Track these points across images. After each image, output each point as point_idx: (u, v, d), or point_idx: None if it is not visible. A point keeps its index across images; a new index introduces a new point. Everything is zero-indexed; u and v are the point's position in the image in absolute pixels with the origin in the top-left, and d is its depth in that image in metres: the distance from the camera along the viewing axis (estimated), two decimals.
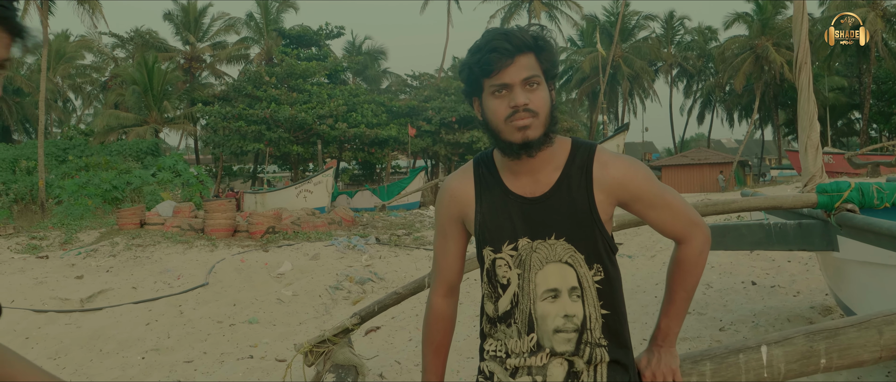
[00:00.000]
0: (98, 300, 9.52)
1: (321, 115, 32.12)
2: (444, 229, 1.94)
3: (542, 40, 1.73)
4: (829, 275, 5.41)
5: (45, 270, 11.56)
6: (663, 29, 56.72)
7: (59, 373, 6.43)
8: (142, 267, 11.77)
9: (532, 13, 42.07)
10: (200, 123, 39.18)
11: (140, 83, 33.05)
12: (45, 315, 8.70)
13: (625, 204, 1.82)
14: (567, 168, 1.79)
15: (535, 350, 1.76)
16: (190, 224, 14.97)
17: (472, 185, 1.87)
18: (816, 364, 1.91)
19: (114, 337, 7.64)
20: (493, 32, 1.74)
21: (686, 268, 1.85)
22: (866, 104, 45.14)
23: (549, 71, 1.74)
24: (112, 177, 19.99)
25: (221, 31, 46.06)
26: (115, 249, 13.31)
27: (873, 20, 41.10)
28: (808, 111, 5.24)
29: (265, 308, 8.97)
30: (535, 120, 1.70)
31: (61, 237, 15.05)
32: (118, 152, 26.55)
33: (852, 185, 4.38)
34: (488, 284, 1.84)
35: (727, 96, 55.24)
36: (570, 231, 1.76)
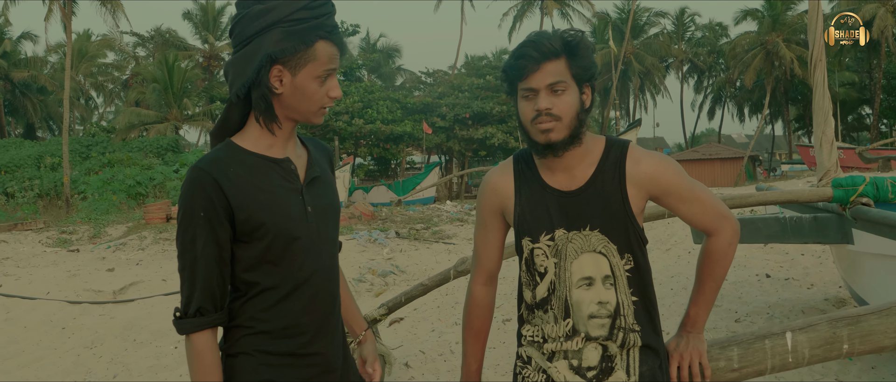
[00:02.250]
0: (130, 292, 9.74)
1: (337, 111, 32.43)
2: (484, 221, 2.03)
3: (574, 46, 1.78)
4: (844, 267, 5.51)
5: (77, 263, 11.89)
6: (674, 25, 56.78)
7: (96, 362, 6.66)
8: (170, 260, 11.98)
9: (544, 11, 42.22)
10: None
11: (160, 81, 33.48)
12: (79, 306, 8.86)
13: (656, 198, 1.89)
14: (601, 164, 1.87)
15: (571, 334, 1.84)
16: None
17: (512, 179, 1.95)
18: (839, 350, 1.95)
19: (147, 327, 7.79)
20: (528, 38, 1.83)
21: (715, 259, 1.92)
22: (877, 99, 45.14)
23: (581, 75, 1.80)
24: (136, 173, 20.40)
25: None
26: (144, 242, 13.67)
27: (883, 16, 41.10)
28: (822, 107, 5.33)
29: None
30: (559, 124, 1.79)
31: (90, 232, 15.45)
32: (139, 148, 26.96)
33: (867, 179, 4.50)
34: (527, 272, 1.93)
35: (738, 92, 55.22)
36: (603, 223, 1.84)
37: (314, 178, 1.79)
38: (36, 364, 6.72)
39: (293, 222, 1.70)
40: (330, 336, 1.78)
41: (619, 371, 1.83)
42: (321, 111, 1.73)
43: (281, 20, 1.61)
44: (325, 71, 1.67)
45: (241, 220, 1.64)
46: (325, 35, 1.65)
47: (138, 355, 6.86)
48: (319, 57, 1.65)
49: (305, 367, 1.73)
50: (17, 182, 22.52)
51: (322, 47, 1.65)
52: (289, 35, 1.61)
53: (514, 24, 44.69)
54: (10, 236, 15.01)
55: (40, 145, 28.71)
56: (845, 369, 4.59)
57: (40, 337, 7.60)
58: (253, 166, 1.69)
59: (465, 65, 44.94)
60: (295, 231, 1.70)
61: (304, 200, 1.73)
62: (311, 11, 1.63)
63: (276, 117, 1.71)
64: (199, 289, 1.64)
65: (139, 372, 6.29)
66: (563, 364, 1.85)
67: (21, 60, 46.51)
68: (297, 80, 1.65)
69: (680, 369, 1.93)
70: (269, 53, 1.62)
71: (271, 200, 1.68)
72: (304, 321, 1.72)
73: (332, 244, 1.82)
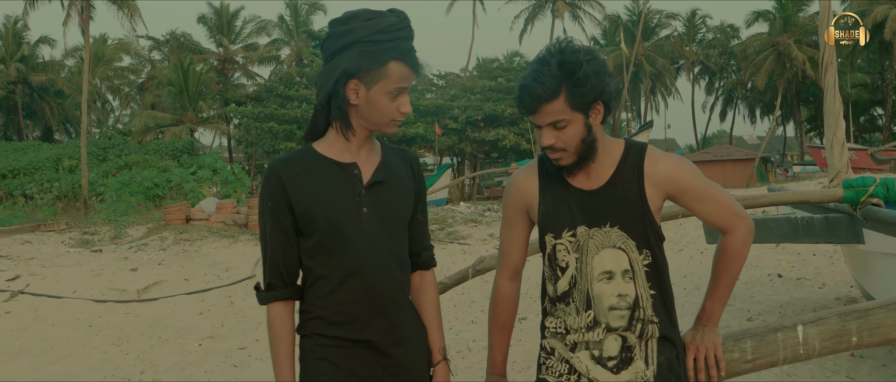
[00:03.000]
0: (153, 291, 9.88)
1: None
2: (510, 219, 2.11)
3: (572, 81, 1.81)
4: (855, 266, 5.59)
5: (101, 263, 12.05)
6: (685, 27, 56.69)
7: (123, 358, 6.79)
8: (191, 260, 12.22)
9: (555, 14, 42.29)
10: (233, 123, 39.89)
11: (176, 84, 33.74)
12: (105, 305, 9.01)
13: (673, 197, 1.97)
14: (621, 165, 1.95)
15: (592, 325, 1.91)
16: (233, 220, 15.53)
17: (537, 180, 2.03)
18: (848, 342, 2.01)
19: (171, 326, 7.93)
20: (525, 79, 1.87)
21: (730, 256, 2.00)
22: (889, 101, 44.96)
23: (583, 104, 1.84)
24: (153, 175, 20.62)
25: (253, 34, 47.19)
26: (165, 243, 13.83)
27: (895, 17, 40.96)
28: (833, 110, 5.42)
29: None
30: (565, 153, 1.90)
31: (111, 232, 15.63)
32: (155, 150, 27.16)
33: (877, 180, 4.60)
34: (549, 267, 2.01)
35: (749, 94, 55.03)
36: (622, 220, 1.92)
37: (377, 182, 1.95)
38: (65, 360, 6.86)
39: (345, 220, 1.89)
40: (383, 328, 1.93)
41: (638, 361, 1.90)
42: (393, 123, 1.93)
43: (359, 40, 1.83)
44: (397, 88, 1.87)
45: (299, 213, 1.90)
46: (399, 56, 1.85)
47: (164, 352, 7.01)
48: (391, 75, 1.85)
49: (356, 353, 1.91)
50: (36, 184, 22.79)
51: (394, 67, 1.85)
52: (364, 54, 1.83)
53: (525, 27, 44.76)
54: (33, 237, 15.23)
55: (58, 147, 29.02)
56: (856, 366, 4.70)
57: (68, 335, 7.75)
58: (318, 167, 1.93)
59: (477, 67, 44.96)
60: (346, 228, 1.89)
61: (361, 201, 1.92)
62: (387, 35, 1.84)
63: (351, 126, 1.92)
64: (269, 267, 1.94)
65: (165, 368, 6.43)
66: (585, 354, 1.92)
67: (39, 64, 47.05)
68: (371, 94, 1.86)
69: (696, 360, 2.01)
70: (346, 69, 1.83)
71: (326, 198, 1.90)
72: (354, 311, 1.90)
73: (389, 244, 1.95)
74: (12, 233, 15.43)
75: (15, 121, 48.38)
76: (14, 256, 12.77)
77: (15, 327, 7.99)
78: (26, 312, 8.64)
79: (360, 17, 1.86)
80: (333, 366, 1.90)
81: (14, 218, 18.23)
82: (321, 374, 1.90)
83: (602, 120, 1.92)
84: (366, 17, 1.86)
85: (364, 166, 1.96)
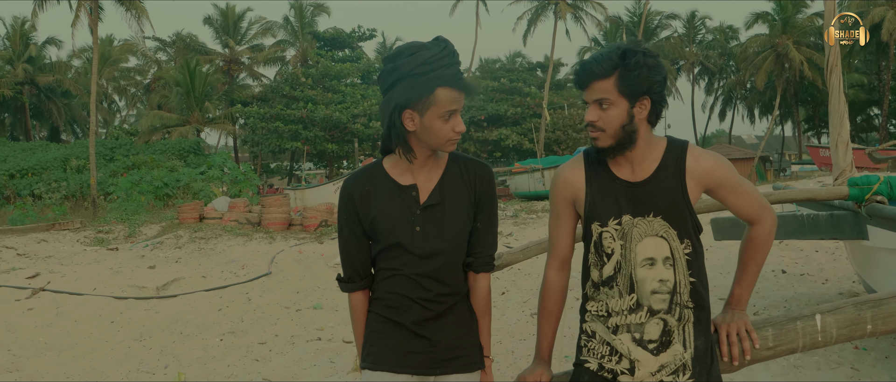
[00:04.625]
0: (172, 288, 9.96)
1: (355, 114, 32.78)
2: (557, 211, 2.21)
3: (625, 65, 1.95)
4: (858, 262, 5.72)
5: (118, 261, 12.16)
6: (685, 28, 56.89)
7: (147, 353, 6.86)
8: (207, 258, 12.34)
9: (558, 15, 42.36)
10: (239, 123, 39.91)
11: (182, 85, 33.80)
12: (125, 302, 9.09)
13: (710, 190, 2.09)
14: (664, 160, 2.06)
15: (635, 308, 2.01)
16: (246, 218, 15.69)
17: (583, 172, 2.13)
18: (863, 330, 2.09)
19: (191, 321, 8.01)
20: (587, 58, 2.05)
21: (757, 245, 2.13)
22: (885, 101, 45.09)
23: (631, 91, 1.97)
24: (163, 175, 20.75)
25: (259, 35, 47.31)
26: (180, 241, 13.94)
27: (892, 18, 41.16)
28: (838, 110, 5.54)
29: (327, 295, 9.31)
30: (603, 134, 2.02)
31: (125, 231, 15.75)
32: (162, 150, 27.27)
33: (881, 178, 4.76)
34: (595, 253, 2.10)
35: (748, 94, 55.23)
36: (665, 211, 2.03)
37: (432, 205, 2.17)
38: (90, 355, 6.93)
39: (401, 237, 2.17)
40: (423, 317, 2.19)
41: (677, 345, 2.00)
42: (450, 143, 2.12)
43: (405, 75, 2.04)
44: (447, 112, 2.06)
45: (367, 226, 2.22)
46: (444, 83, 2.03)
47: (186, 347, 7.10)
48: (440, 101, 2.04)
49: (400, 330, 2.22)
50: (44, 184, 22.91)
51: (442, 93, 2.03)
52: (411, 87, 2.03)
53: (528, 28, 44.75)
54: (48, 235, 15.36)
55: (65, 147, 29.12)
56: (860, 358, 4.86)
57: (91, 331, 7.82)
58: (381, 186, 2.20)
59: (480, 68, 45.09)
60: (401, 243, 2.17)
61: (415, 221, 2.17)
62: (429, 66, 2.02)
63: (412, 150, 2.14)
64: (348, 264, 2.28)
65: (188, 363, 6.50)
66: (626, 337, 2.02)
67: (46, 64, 47.09)
68: (425, 120, 2.06)
69: (729, 336, 2.11)
70: (397, 103, 2.05)
71: (386, 217, 2.18)
72: (401, 301, 2.21)
73: (442, 258, 2.17)
74: (27, 232, 15.57)
75: (22, 121, 48.43)
76: (32, 254, 12.87)
77: (38, 323, 8.06)
78: (49, 309, 8.70)
79: (405, 53, 2.05)
80: (382, 337, 2.23)
81: (25, 217, 18.36)
82: (373, 342, 2.25)
83: (648, 117, 2.04)
84: (409, 53, 2.04)
85: (423, 186, 2.19)
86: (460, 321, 2.22)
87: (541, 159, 28.40)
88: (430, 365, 2.19)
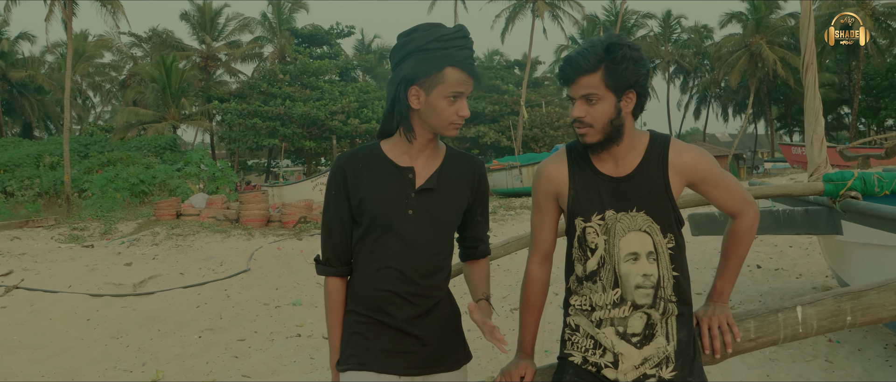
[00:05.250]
0: (149, 285, 9.84)
1: (333, 111, 32.70)
2: (540, 206, 2.19)
3: (611, 59, 1.93)
4: (831, 257, 5.79)
5: (94, 258, 12.00)
6: (661, 27, 57.51)
7: (124, 351, 6.74)
8: (185, 255, 12.23)
9: (536, 13, 42.53)
10: (216, 120, 39.63)
11: (158, 81, 33.52)
12: (101, 299, 8.93)
13: (693, 185, 2.08)
14: (647, 154, 2.06)
15: (619, 302, 2.00)
16: (224, 215, 15.57)
17: (566, 167, 2.12)
18: (843, 321, 2.10)
19: (169, 319, 7.90)
20: (571, 52, 2.01)
21: (740, 238, 2.13)
22: (855, 100, 45.98)
23: (618, 85, 1.95)
24: (139, 171, 20.55)
25: (236, 31, 46.94)
26: (157, 238, 13.81)
27: (863, 19, 41.91)
28: (813, 108, 5.58)
29: (306, 292, 9.24)
30: (591, 129, 1.99)
31: (101, 228, 15.56)
32: (137, 147, 26.92)
33: (855, 174, 4.82)
34: (579, 248, 2.09)
35: (722, 92, 55.91)
36: (648, 205, 2.02)
37: (427, 189, 2.10)
38: (65, 353, 6.81)
39: (390, 219, 2.07)
40: (411, 315, 2.10)
41: (660, 338, 2.00)
42: (452, 126, 2.07)
43: (417, 49, 2.00)
44: (454, 93, 2.01)
45: (354, 205, 2.11)
46: (455, 63, 1.99)
47: (164, 344, 7.02)
48: (448, 80, 2.00)
49: (385, 332, 2.10)
50: (17, 181, 22.57)
51: (451, 73, 1.99)
52: (422, 61, 1.99)
53: (506, 26, 44.85)
54: (22, 233, 15.16)
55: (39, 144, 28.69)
56: (834, 351, 4.96)
57: (67, 328, 7.69)
58: (378, 166, 2.12)
59: None
60: (389, 226, 2.07)
61: (409, 204, 2.08)
62: (442, 43, 2.00)
63: (413, 129, 2.08)
64: (328, 246, 2.18)
65: (167, 360, 6.42)
66: (610, 330, 2.01)
67: (18, 60, 46.25)
68: (430, 98, 2.01)
69: (711, 329, 2.11)
70: (406, 76, 2.01)
71: (378, 196, 2.08)
72: (384, 298, 2.09)
73: (429, 245, 2.10)
74: (0, 229, 15.37)
75: None
76: (5, 251, 12.71)
77: (12, 321, 7.92)
78: (22, 307, 8.56)
79: (421, 29, 2.03)
80: (366, 340, 2.11)
81: None
82: (353, 346, 2.13)
83: (633, 111, 2.02)
84: (425, 29, 2.03)
85: (420, 171, 2.12)
86: (447, 317, 2.18)
87: (518, 157, 28.52)
88: (420, 366, 2.12)
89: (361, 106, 34.64)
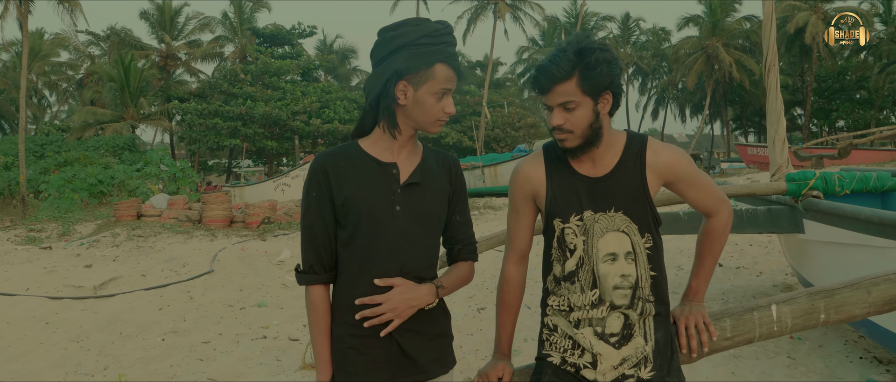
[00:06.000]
0: (110, 287, 9.69)
1: (295, 111, 32.57)
2: (517, 207, 2.18)
3: (585, 64, 1.91)
4: (792, 255, 5.89)
5: (52, 260, 11.78)
6: (620, 30, 58.29)
7: (85, 355, 6.62)
8: (147, 256, 12.05)
9: (497, 14, 42.78)
10: (176, 119, 39.11)
11: (117, 80, 33.03)
12: (60, 302, 8.81)
13: (669, 184, 2.09)
14: (624, 154, 2.05)
15: (597, 303, 2.00)
16: (186, 216, 15.37)
17: (543, 168, 2.11)
18: (817, 319, 2.13)
19: (131, 321, 7.78)
20: (543, 60, 1.98)
21: (714, 237, 2.14)
22: (808, 101, 47.16)
23: (594, 89, 1.93)
24: (97, 172, 20.16)
25: (196, 30, 46.35)
26: (118, 239, 13.58)
27: (815, 23, 43.07)
28: (775, 109, 5.67)
29: (271, 293, 9.19)
30: (571, 135, 1.98)
31: (59, 229, 15.26)
32: (95, 147, 26.48)
33: (817, 174, 4.91)
34: (558, 249, 2.07)
35: (679, 94, 56.94)
36: (626, 205, 2.02)
37: (412, 183, 2.06)
38: (24, 357, 6.68)
39: (378, 216, 2.01)
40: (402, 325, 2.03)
41: (638, 338, 2.00)
42: (437, 123, 2.04)
43: (408, 44, 1.96)
44: (442, 89, 1.99)
45: (338, 205, 2.02)
46: (444, 59, 1.97)
47: (126, 347, 6.89)
48: (437, 76, 1.97)
49: (378, 343, 2.03)
50: None
51: (440, 69, 1.97)
52: (413, 56, 1.95)
53: (468, 27, 45.02)
54: None
55: None
56: (795, 347, 5.07)
57: (24, 332, 7.55)
58: (361, 164, 2.05)
59: None
60: (378, 224, 2.00)
61: (396, 200, 2.03)
62: (433, 39, 1.97)
63: (398, 125, 2.04)
64: (311, 252, 2.07)
65: (129, 364, 6.32)
66: (588, 330, 2.01)
67: None
68: (418, 94, 1.98)
69: (688, 328, 2.11)
70: (396, 70, 1.95)
71: (363, 194, 2.01)
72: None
73: (418, 242, 2.05)
74: None
75: None
76: None
77: None
78: None
79: (409, 24, 1.99)
80: (361, 355, 2.02)
81: None
82: (349, 363, 2.03)
83: (610, 111, 2.01)
84: (414, 23, 1.99)
85: (403, 167, 2.07)
86: (436, 321, 2.13)
87: (481, 157, 28.63)
88: (412, 375, 2.07)
89: (323, 106, 34.53)
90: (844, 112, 50.69)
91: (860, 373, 4.56)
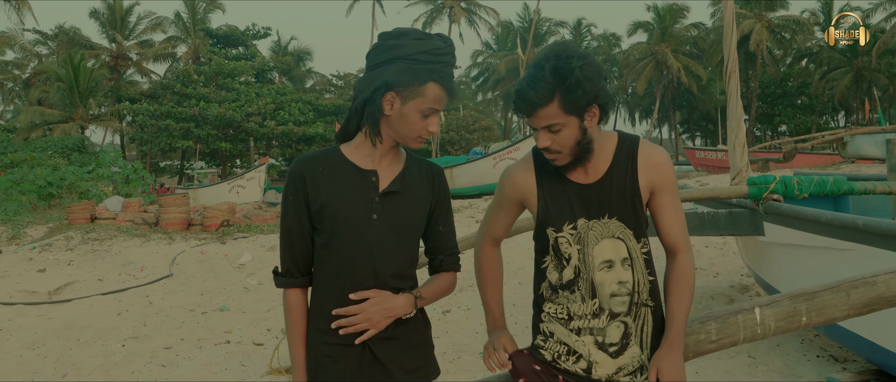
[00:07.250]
0: (65, 292, 9.55)
1: (249, 113, 32.30)
2: (501, 204, 2.17)
3: (565, 87, 1.83)
4: (751, 257, 5.98)
5: (3, 264, 11.52)
6: (572, 35, 58.98)
7: (42, 362, 6.49)
8: (103, 260, 11.85)
9: (452, 18, 43.02)
10: (126, 121, 38.34)
11: (65, 80, 32.26)
12: (13, 308, 8.65)
13: (653, 190, 2.02)
14: (616, 157, 2.01)
15: (598, 312, 1.96)
16: (142, 219, 15.16)
17: (534, 175, 2.06)
18: (799, 322, 2.13)
19: (89, 327, 7.66)
20: (520, 84, 1.92)
21: (686, 277, 2.00)
22: (753, 107, 48.45)
23: (577, 108, 1.87)
24: (47, 173, 19.65)
25: (148, 30, 45.58)
26: (72, 243, 13.32)
27: (759, 30, 44.43)
28: (736, 114, 5.71)
29: (233, 297, 9.08)
30: (560, 155, 1.94)
31: (8, 232, 14.88)
32: (43, 148, 25.84)
33: (777, 178, 5.02)
34: (553, 257, 2.03)
35: (629, 98, 58.11)
36: (620, 211, 1.98)
37: (391, 192, 2.02)
38: None
39: (354, 224, 1.99)
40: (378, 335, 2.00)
41: (634, 347, 1.98)
42: (418, 139, 2.01)
43: (404, 57, 1.92)
44: (429, 109, 1.96)
45: (314, 210, 2.01)
46: (438, 79, 1.94)
47: (85, 354, 6.77)
48: (427, 95, 1.94)
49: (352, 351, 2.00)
50: None
51: (432, 88, 1.94)
52: (407, 70, 1.91)
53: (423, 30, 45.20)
54: None
55: None
56: (755, 346, 5.19)
57: None
58: (340, 170, 2.03)
59: None
60: (352, 231, 1.98)
61: (372, 208, 2.00)
62: (430, 56, 1.93)
63: (380, 134, 2.00)
64: (288, 256, 2.06)
65: (89, 371, 6.19)
66: (589, 339, 1.98)
67: None
68: (405, 109, 1.95)
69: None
70: (387, 80, 1.92)
71: (339, 201, 1.99)
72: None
73: (393, 252, 2.01)
74: None
75: None
76: None
77: None
78: None
79: (410, 36, 1.95)
80: (334, 363, 2.00)
81: None
82: (322, 370, 2.01)
83: (599, 121, 1.96)
84: (415, 36, 1.95)
85: (383, 175, 2.04)
86: (414, 330, 2.09)
87: (436, 159, 28.74)
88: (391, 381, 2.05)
89: (278, 108, 34.30)
90: (787, 117, 52.27)
91: (818, 371, 4.70)
